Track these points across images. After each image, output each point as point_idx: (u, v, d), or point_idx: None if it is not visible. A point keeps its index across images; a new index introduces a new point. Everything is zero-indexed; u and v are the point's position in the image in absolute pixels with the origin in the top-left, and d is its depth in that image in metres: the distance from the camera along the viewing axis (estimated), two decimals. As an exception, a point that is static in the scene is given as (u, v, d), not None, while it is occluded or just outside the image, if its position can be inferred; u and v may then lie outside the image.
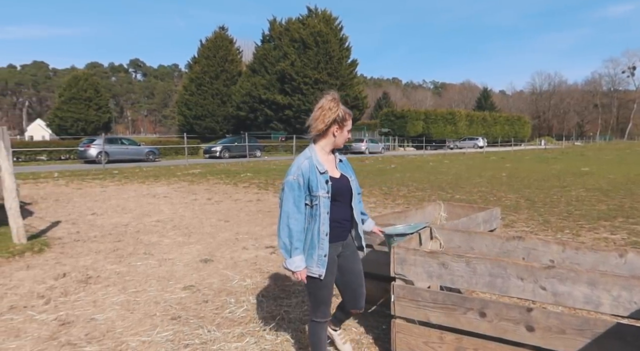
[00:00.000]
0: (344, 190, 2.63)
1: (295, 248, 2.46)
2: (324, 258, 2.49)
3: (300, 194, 2.47)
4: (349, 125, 2.66)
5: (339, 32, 44.77)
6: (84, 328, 3.52)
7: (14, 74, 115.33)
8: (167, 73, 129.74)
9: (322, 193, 2.48)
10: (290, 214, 2.46)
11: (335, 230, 2.58)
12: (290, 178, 2.49)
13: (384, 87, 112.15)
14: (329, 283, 2.59)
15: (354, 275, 2.74)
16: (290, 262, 2.45)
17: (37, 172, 17.04)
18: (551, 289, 2.40)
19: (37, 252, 5.83)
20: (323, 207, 2.48)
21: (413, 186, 12.57)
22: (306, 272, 2.48)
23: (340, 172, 2.68)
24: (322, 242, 2.49)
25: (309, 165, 2.51)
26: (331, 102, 2.55)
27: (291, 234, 2.46)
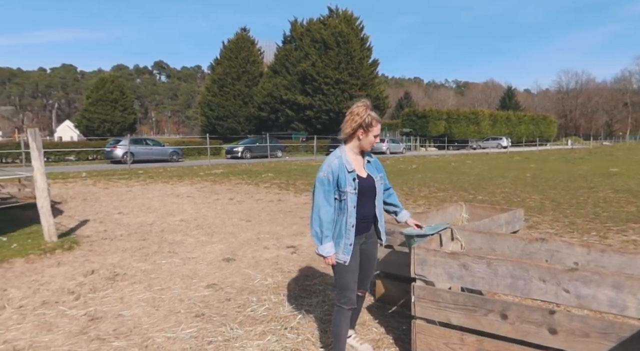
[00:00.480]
0: (369, 189, 2.86)
1: (325, 236, 2.75)
2: (350, 246, 2.77)
3: (329, 189, 2.75)
4: (375, 130, 2.85)
5: (360, 32, 44.69)
6: (112, 324, 3.63)
7: (44, 77, 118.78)
8: (190, 74, 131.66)
9: (349, 190, 2.74)
10: (321, 206, 2.74)
11: (360, 224, 2.84)
12: (321, 174, 2.77)
13: (406, 87, 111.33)
14: (354, 270, 2.84)
15: (368, 258, 2.99)
16: (321, 248, 2.75)
17: (66, 172, 17.53)
18: (574, 292, 2.37)
19: (67, 249, 6.02)
20: (350, 201, 2.75)
21: (434, 187, 12.47)
22: (334, 258, 2.77)
23: (367, 172, 2.91)
24: (349, 233, 2.77)
25: (339, 163, 2.78)
26: (360, 108, 2.83)
27: (322, 224, 2.75)
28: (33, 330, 3.53)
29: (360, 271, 2.97)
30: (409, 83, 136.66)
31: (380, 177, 2.97)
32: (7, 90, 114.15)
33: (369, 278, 3.06)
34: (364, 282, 3.04)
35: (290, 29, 46.66)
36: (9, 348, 3.22)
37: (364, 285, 3.06)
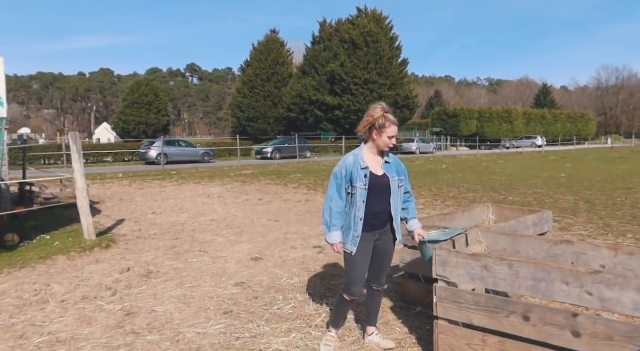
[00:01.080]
0: (381, 187, 3.00)
1: (333, 225, 2.98)
2: (357, 238, 2.96)
3: (341, 183, 2.99)
4: (389, 132, 2.96)
5: (389, 31, 44.41)
6: (146, 319, 3.81)
7: (84, 81, 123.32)
8: (221, 76, 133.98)
9: (359, 185, 2.94)
10: (333, 197, 2.99)
11: (372, 221, 3.00)
12: (336, 169, 3.04)
13: (436, 86, 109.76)
14: (360, 265, 3.02)
15: (383, 254, 3.11)
16: (329, 236, 2.99)
17: (104, 173, 18.21)
18: (598, 295, 2.36)
19: (104, 247, 6.30)
20: (359, 196, 2.94)
21: (464, 187, 12.32)
22: (342, 247, 2.99)
23: (384, 171, 3.04)
24: (357, 225, 2.96)
25: (354, 160, 3.00)
26: (374, 110, 2.99)
27: (331, 214, 2.99)
28: (74, 323, 3.74)
29: (375, 267, 3.13)
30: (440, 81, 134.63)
31: (399, 179, 3.07)
32: (50, 95, 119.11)
33: (383, 274, 3.17)
34: (379, 277, 3.16)
35: (319, 30, 46.83)
36: (52, 340, 3.43)
37: (379, 281, 3.17)
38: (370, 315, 3.27)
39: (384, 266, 3.16)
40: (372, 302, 3.24)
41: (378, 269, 3.16)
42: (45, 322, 3.78)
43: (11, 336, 3.51)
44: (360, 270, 3.03)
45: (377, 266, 3.15)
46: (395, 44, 44.30)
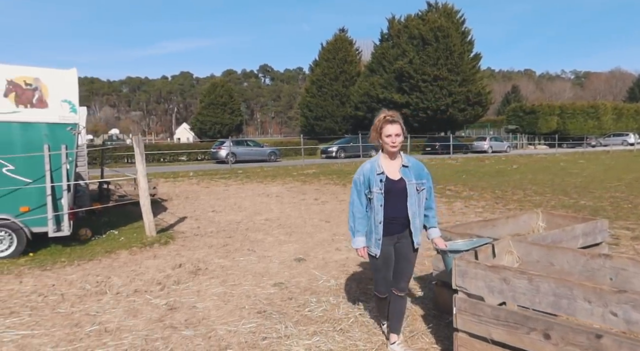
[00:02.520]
0: (397, 191, 3.06)
1: (357, 231, 3.12)
2: (379, 241, 3.06)
3: (360, 189, 3.11)
4: (385, 131, 3.04)
5: (461, 25, 42.86)
6: (185, 314, 4.05)
7: (166, 84, 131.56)
8: (292, 76, 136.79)
9: (376, 190, 3.04)
10: (354, 204, 3.13)
11: (389, 225, 3.07)
12: (355, 176, 3.17)
13: (514, 80, 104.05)
14: (381, 267, 3.13)
15: (402, 259, 3.14)
16: (353, 241, 3.15)
17: (177, 172, 19.36)
18: (623, 316, 2.18)
19: (163, 243, 6.74)
20: (377, 200, 3.04)
21: (532, 189, 11.64)
22: (367, 250, 3.12)
23: (401, 175, 3.08)
24: (377, 228, 3.06)
25: (370, 167, 3.12)
26: (377, 118, 3.12)
27: (354, 219, 3.13)
28: (122, 315, 4.07)
29: (394, 270, 3.15)
30: (518, 76, 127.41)
31: (417, 183, 3.10)
32: (137, 97, 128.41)
33: (403, 278, 3.16)
34: (398, 281, 3.15)
35: (388, 27, 46.25)
36: (101, 329, 3.76)
37: (398, 285, 3.16)
38: (392, 322, 3.24)
39: (403, 271, 3.16)
40: (393, 308, 3.21)
41: (396, 273, 3.17)
42: (98, 312, 4.14)
43: (68, 323, 3.89)
44: (383, 272, 3.16)
45: (396, 270, 3.17)
46: (466, 38, 42.68)
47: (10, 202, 6.06)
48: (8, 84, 6.03)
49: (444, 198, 10.51)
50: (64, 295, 4.63)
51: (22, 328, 3.80)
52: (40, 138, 6.15)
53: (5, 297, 4.60)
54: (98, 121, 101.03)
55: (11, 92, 6.06)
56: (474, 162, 22.57)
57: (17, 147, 6.06)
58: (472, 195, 10.94)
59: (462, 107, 40.10)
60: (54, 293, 4.69)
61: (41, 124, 6.17)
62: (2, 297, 4.60)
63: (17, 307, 4.30)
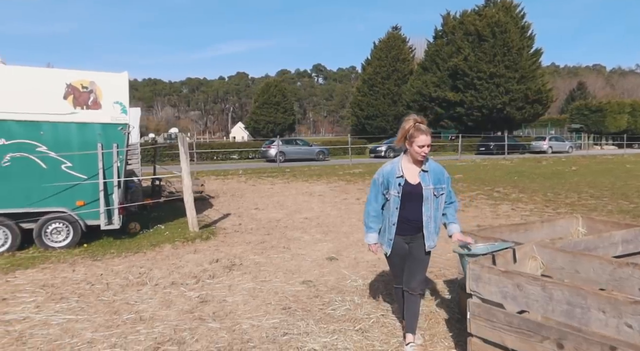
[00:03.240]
0: (415, 195, 3.10)
1: (370, 228, 3.22)
2: (390, 241, 3.17)
3: (378, 189, 3.18)
4: (418, 141, 3.02)
5: (521, 19, 41.12)
6: (214, 307, 4.22)
7: (223, 85, 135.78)
8: (345, 75, 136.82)
9: (393, 192, 3.11)
10: (370, 203, 3.20)
11: (403, 226, 3.13)
12: (375, 176, 3.23)
13: (581, 76, 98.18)
14: (396, 264, 3.27)
15: (414, 260, 3.20)
16: (366, 237, 3.26)
17: (227, 170, 20.00)
18: (639, 328, 2.07)
19: (204, 239, 7.02)
20: (393, 202, 3.11)
21: (588, 193, 11.00)
22: (377, 247, 3.24)
23: (420, 180, 3.12)
24: (390, 229, 3.15)
25: (391, 168, 3.18)
26: (407, 122, 3.11)
27: (368, 217, 3.22)
28: (157, 305, 4.31)
29: (407, 271, 3.21)
30: (586, 71, 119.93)
31: (436, 187, 3.11)
32: (196, 97, 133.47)
33: (414, 278, 3.18)
34: (409, 281, 3.19)
35: (442, 23, 45.17)
36: (137, 318, 4.00)
37: (409, 284, 3.18)
38: (407, 322, 3.24)
39: (414, 271, 3.19)
40: (407, 308, 3.22)
41: (409, 273, 3.20)
42: (136, 302, 4.41)
43: (109, 311, 4.18)
44: (398, 268, 3.30)
45: (407, 270, 3.21)
46: (526, 34, 40.88)
47: (68, 196, 6.54)
48: (67, 87, 6.52)
49: (490, 200, 10.19)
50: (109, 284, 4.96)
51: (68, 313, 4.12)
52: (95, 137, 6.60)
53: (58, 284, 5.00)
54: (160, 120, 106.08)
55: (70, 95, 6.54)
56: (529, 163, 21.60)
57: (74, 146, 6.54)
58: (521, 197, 10.51)
59: (520, 105, 38.49)
60: (101, 282, 5.04)
61: (95, 124, 6.62)
62: (56, 284, 5.00)
63: (68, 293, 4.66)
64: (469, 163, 22.25)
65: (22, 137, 6.29)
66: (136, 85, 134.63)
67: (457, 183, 13.61)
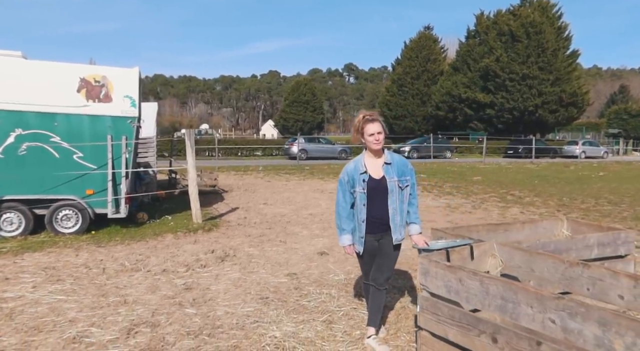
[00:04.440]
0: (378, 189, 3.12)
1: (343, 229, 3.24)
2: (362, 239, 3.18)
3: (345, 188, 3.19)
4: (368, 129, 3.10)
5: (557, 20, 39.87)
6: (196, 294, 4.38)
7: (255, 82, 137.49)
8: (376, 75, 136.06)
9: (359, 189, 3.13)
10: (339, 203, 3.22)
11: (372, 224, 3.15)
12: (340, 176, 3.26)
13: (624, 79, 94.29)
14: (367, 261, 3.28)
15: (382, 255, 3.22)
16: (339, 239, 3.29)
17: (248, 166, 20.34)
18: (560, 323, 2.09)
19: (206, 230, 7.23)
20: (359, 199, 3.14)
21: (606, 199, 10.65)
22: (352, 248, 3.24)
23: (384, 173, 3.14)
24: (360, 227, 3.17)
25: (354, 166, 3.20)
26: (357, 118, 3.21)
27: (340, 218, 3.23)
28: (144, 290, 4.50)
29: (375, 266, 3.23)
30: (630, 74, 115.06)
31: (400, 180, 3.14)
32: (228, 95, 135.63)
33: (382, 274, 3.21)
34: (376, 276, 3.22)
35: (475, 23, 44.34)
36: (121, 301, 4.20)
37: (377, 280, 3.21)
38: (370, 315, 3.29)
39: (382, 267, 3.21)
40: (372, 301, 3.27)
41: (376, 267, 3.24)
42: (125, 286, 4.62)
43: (97, 293, 4.40)
44: (368, 266, 3.31)
45: (375, 265, 3.24)
46: (563, 34, 39.63)
47: (78, 185, 6.87)
48: (80, 81, 6.84)
49: (502, 203, 10.01)
50: (105, 269, 5.21)
51: (60, 294, 4.37)
52: (105, 129, 6.90)
53: (60, 267, 5.28)
54: (193, 116, 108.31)
55: (83, 88, 6.86)
56: (555, 167, 21.00)
57: (86, 137, 6.86)
58: (534, 201, 10.28)
59: (554, 108, 37.32)
60: (98, 266, 5.29)
61: (106, 117, 6.92)
62: (58, 266, 5.28)
63: (65, 276, 4.93)
64: (493, 166, 21.82)
65: (37, 127, 6.65)
66: (172, 82, 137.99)
67: (474, 185, 13.42)
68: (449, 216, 8.57)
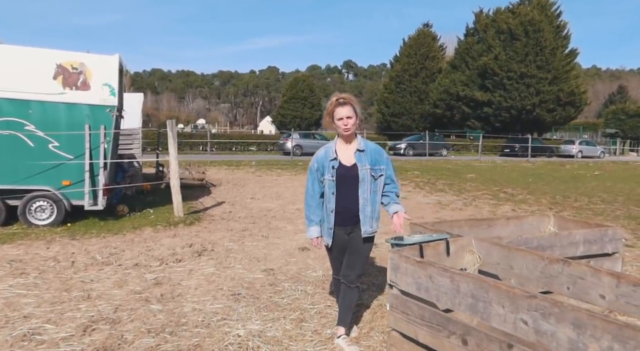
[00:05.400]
0: (348, 177, 2.91)
1: (311, 220, 3.06)
2: (330, 230, 2.98)
3: (315, 176, 3.00)
4: (336, 114, 2.88)
5: (556, 18, 39.69)
6: (165, 290, 4.17)
7: (253, 78, 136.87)
8: (375, 72, 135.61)
9: (327, 177, 2.93)
10: (308, 192, 3.05)
11: (342, 214, 2.94)
12: (310, 163, 3.06)
13: (623, 80, 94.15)
14: (336, 256, 3.09)
15: (352, 250, 3.01)
16: (308, 230, 3.11)
17: (241, 160, 20.09)
18: (533, 325, 1.89)
19: (188, 224, 7.02)
20: (328, 187, 2.94)
21: (599, 197, 10.47)
22: (320, 241, 3.07)
23: (355, 160, 2.92)
24: (329, 217, 2.97)
25: (325, 153, 3.00)
26: (328, 102, 2.96)
27: (309, 208, 3.05)
28: (111, 285, 4.29)
29: (345, 263, 3.03)
30: (629, 75, 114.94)
31: (373, 169, 2.92)
32: (226, 90, 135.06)
33: (353, 271, 2.99)
34: (346, 273, 3.01)
35: (474, 21, 44.13)
36: (85, 295, 3.98)
37: (347, 277, 3.00)
38: (340, 314, 3.08)
39: (353, 263, 3.00)
40: (342, 299, 3.06)
41: (346, 263, 3.03)
42: (92, 280, 4.40)
43: (61, 287, 4.18)
44: (338, 261, 3.12)
45: (345, 261, 3.03)
46: (561, 33, 39.46)
47: (54, 176, 6.65)
48: (57, 67, 6.60)
49: (494, 201, 9.82)
50: (75, 262, 4.99)
51: (21, 288, 4.15)
52: (82, 118, 6.67)
53: (27, 260, 5.06)
54: (190, 111, 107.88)
55: (59, 75, 6.63)
56: (551, 166, 20.82)
57: (62, 126, 6.63)
58: (527, 199, 10.10)
59: (552, 107, 37.21)
60: (68, 260, 5.07)
61: (83, 105, 6.69)
62: (25, 259, 5.06)
63: (30, 269, 4.71)
64: (488, 164, 21.64)
65: (10, 115, 6.41)
66: (170, 76, 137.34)
67: (467, 183, 13.23)
68: (439, 213, 8.38)
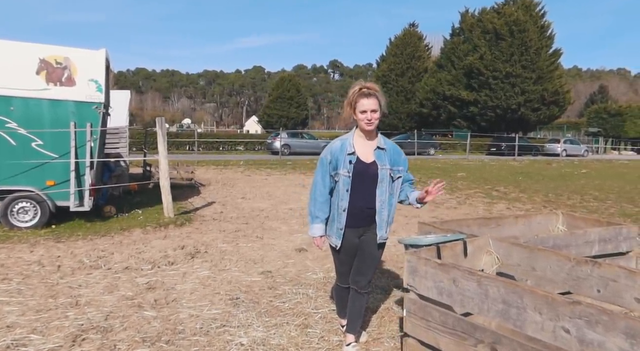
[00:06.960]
0: (367, 175, 2.68)
1: (316, 217, 2.78)
2: (341, 231, 2.73)
3: (326, 169, 2.74)
4: (360, 106, 2.65)
5: (540, 18, 40.07)
6: (159, 295, 3.94)
7: (239, 78, 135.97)
8: (361, 72, 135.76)
9: (343, 172, 2.67)
10: (317, 186, 2.77)
11: (354, 215, 2.70)
12: (322, 155, 2.81)
13: (604, 80, 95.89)
14: (344, 258, 2.82)
15: (365, 255, 2.79)
16: (310, 228, 2.82)
17: (229, 160, 19.79)
18: (576, 334, 1.73)
19: (179, 225, 6.77)
20: (342, 184, 2.69)
21: (592, 195, 10.49)
22: (323, 240, 2.83)
23: (375, 158, 2.71)
24: (340, 216, 2.71)
25: (341, 145, 2.74)
26: (351, 89, 2.70)
27: (315, 204, 2.78)
28: (101, 290, 4.04)
29: (355, 267, 2.81)
30: (609, 75, 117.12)
31: (392, 169, 2.72)
32: (212, 90, 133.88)
33: (363, 275, 2.80)
34: (357, 278, 2.81)
35: (460, 21, 44.35)
36: (73, 302, 3.74)
37: (358, 282, 2.80)
38: (349, 321, 2.90)
39: (364, 267, 2.80)
40: (351, 306, 2.87)
41: (357, 269, 2.82)
42: (81, 285, 4.16)
43: (46, 294, 3.93)
44: (346, 266, 2.86)
45: (356, 266, 2.82)
46: (546, 33, 39.85)
47: (37, 176, 6.34)
48: (40, 62, 6.30)
49: (487, 199, 9.76)
50: (61, 266, 4.72)
51: (3, 295, 3.89)
52: (67, 115, 6.38)
53: (9, 264, 4.78)
54: (175, 111, 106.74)
55: (42, 70, 6.32)
56: (538, 165, 20.95)
57: (46, 123, 6.33)
58: (520, 197, 10.06)
59: (536, 106, 37.55)
60: (53, 264, 4.80)
61: (69, 102, 6.40)
62: (7, 264, 4.78)
63: (13, 274, 4.43)
64: (476, 163, 21.69)
65: (-10, 112, 6.10)
66: (154, 75, 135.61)
67: (458, 181, 13.17)
68: (434, 212, 8.26)
